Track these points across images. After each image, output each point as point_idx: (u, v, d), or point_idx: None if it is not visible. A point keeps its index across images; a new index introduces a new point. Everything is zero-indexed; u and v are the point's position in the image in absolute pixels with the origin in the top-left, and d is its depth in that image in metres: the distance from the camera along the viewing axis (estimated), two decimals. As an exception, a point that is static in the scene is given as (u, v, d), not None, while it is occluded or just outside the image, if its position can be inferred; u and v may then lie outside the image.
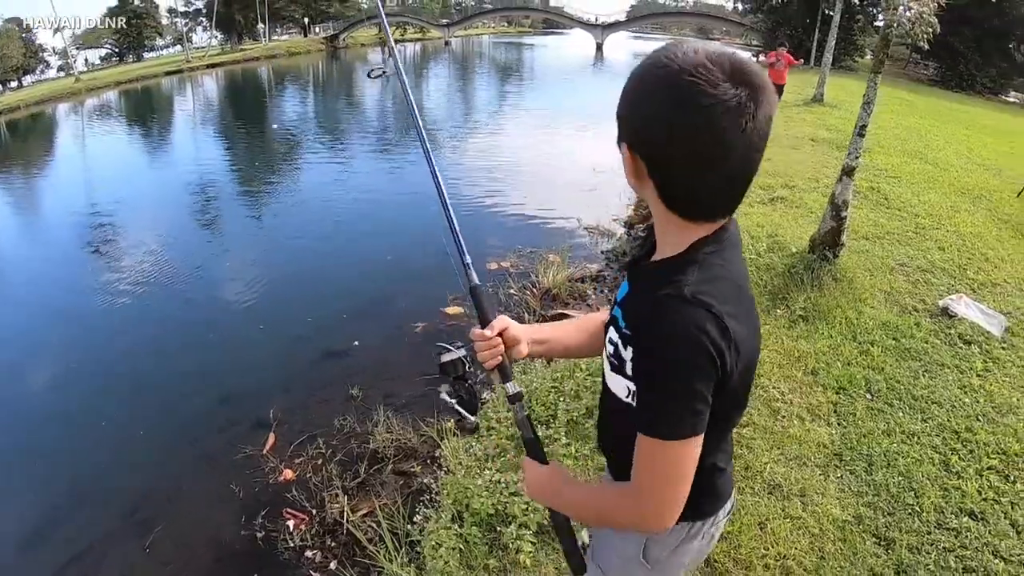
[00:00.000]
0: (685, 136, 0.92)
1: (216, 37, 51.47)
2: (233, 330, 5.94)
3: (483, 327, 1.29)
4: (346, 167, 13.03)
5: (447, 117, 20.20)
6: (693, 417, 0.98)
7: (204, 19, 52.68)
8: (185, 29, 49.63)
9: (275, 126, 18.49)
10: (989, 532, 2.81)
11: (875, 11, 30.53)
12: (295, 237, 8.59)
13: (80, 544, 3.53)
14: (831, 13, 16.07)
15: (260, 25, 51.50)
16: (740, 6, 47.65)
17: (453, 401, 1.38)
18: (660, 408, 1.00)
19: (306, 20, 56.34)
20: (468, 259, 1.37)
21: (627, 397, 1.10)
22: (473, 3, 78.72)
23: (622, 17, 66.18)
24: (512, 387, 1.31)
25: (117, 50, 52.53)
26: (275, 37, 53.95)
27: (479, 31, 78.69)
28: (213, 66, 38.80)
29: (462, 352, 1.37)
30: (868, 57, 35.72)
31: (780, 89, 10.61)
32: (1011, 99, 39.86)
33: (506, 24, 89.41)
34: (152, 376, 5.22)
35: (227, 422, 4.52)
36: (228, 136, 17.90)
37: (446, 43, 59.11)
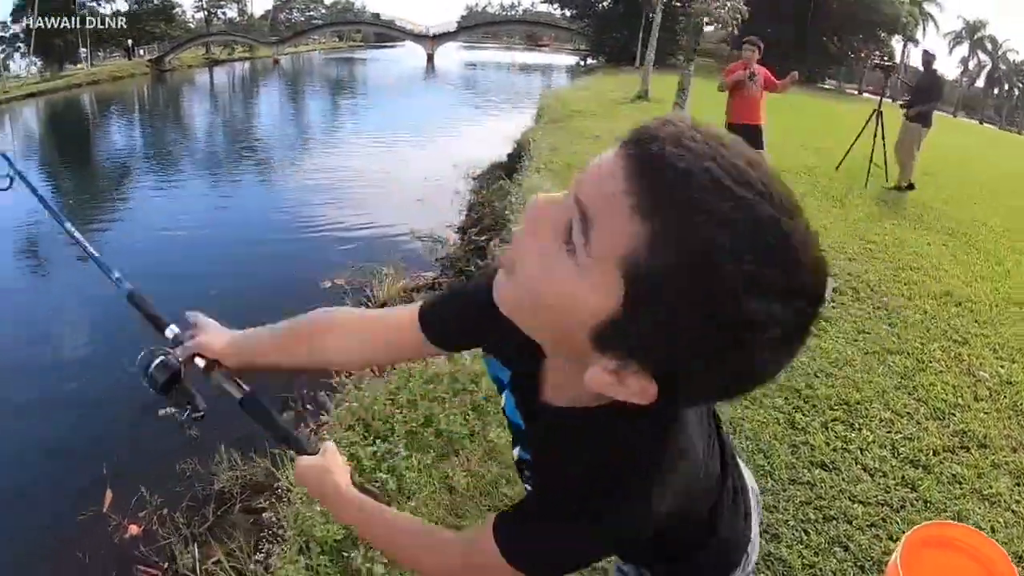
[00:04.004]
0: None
1: (35, 64, 45.01)
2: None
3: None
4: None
5: (280, 139, 19.04)
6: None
7: (22, 44, 45.92)
8: (1, 56, 43.24)
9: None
10: (843, 480, 2.81)
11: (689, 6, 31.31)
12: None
13: None
14: (653, 15, 16.39)
15: (82, 49, 45.87)
16: (568, 12, 47.73)
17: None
18: (538, 536, 0.71)
19: (130, 42, 50.89)
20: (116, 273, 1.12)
21: None
22: (303, 19, 75.03)
23: (452, 27, 64.93)
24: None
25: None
26: (97, 62, 48.16)
27: (310, 47, 74.87)
28: (32, 95, 33.32)
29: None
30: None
31: (756, 132, 7.21)
32: (827, 86, 44.62)
33: (337, 39, 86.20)
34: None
35: (56, 489, 3.96)
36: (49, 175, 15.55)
37: (276, 61, 55.03)
